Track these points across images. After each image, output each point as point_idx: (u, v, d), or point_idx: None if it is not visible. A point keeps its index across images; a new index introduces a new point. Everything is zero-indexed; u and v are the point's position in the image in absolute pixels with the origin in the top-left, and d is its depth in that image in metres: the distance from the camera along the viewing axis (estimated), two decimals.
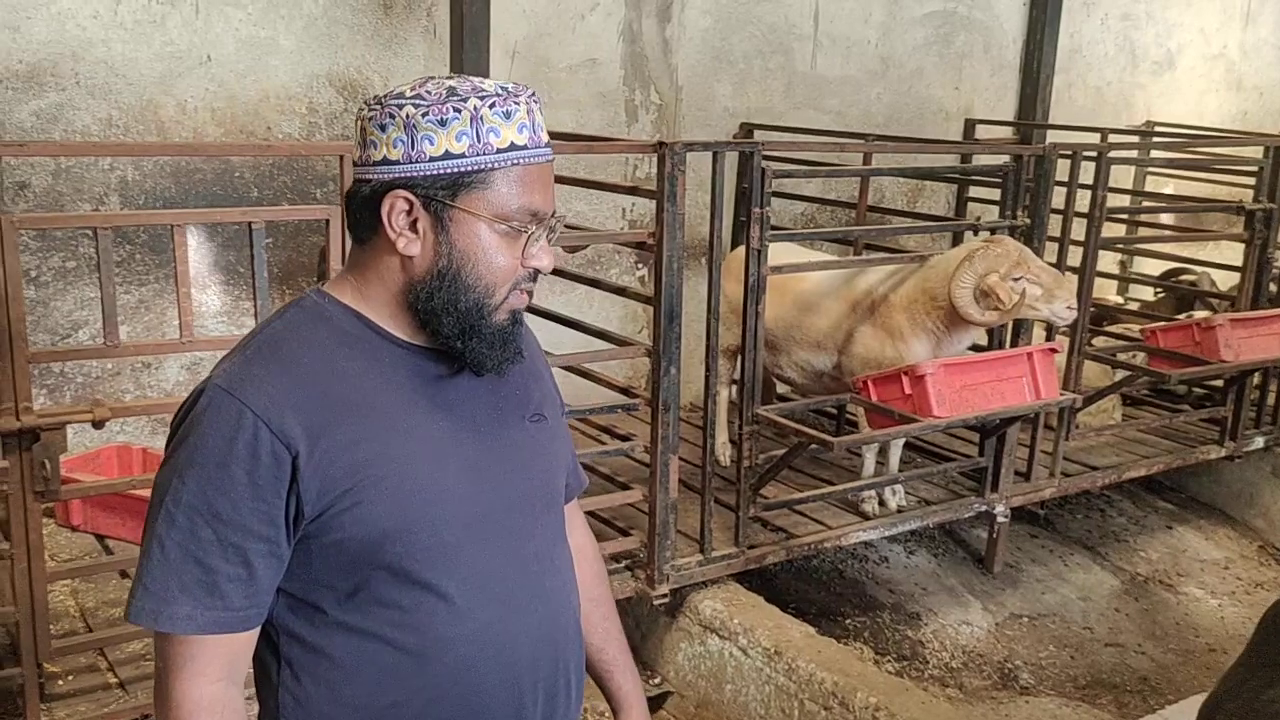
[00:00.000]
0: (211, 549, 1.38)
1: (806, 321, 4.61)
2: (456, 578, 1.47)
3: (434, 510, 1.45)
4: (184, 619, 1.38)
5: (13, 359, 2.77)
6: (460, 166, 1.42)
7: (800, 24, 6.27)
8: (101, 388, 4.64)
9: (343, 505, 1.40)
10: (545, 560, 1.59)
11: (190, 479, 1.38)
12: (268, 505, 1.38)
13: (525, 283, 1.50)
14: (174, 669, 1.40)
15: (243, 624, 1.42)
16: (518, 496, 1.55)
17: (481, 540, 1.50)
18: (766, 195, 3.87)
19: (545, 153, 1.48)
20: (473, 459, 1.51)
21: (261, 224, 3.06)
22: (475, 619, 1.48)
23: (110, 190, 4.52)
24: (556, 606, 1.60)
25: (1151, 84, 8.08)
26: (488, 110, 1.42)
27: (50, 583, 3.01)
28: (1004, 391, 4.20)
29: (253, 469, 1.37)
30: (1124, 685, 4.76)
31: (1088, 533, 5.95)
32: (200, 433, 1.39)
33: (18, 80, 4.29)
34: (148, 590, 1.39)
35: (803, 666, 3.68)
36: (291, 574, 1.45)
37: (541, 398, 1.65)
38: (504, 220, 1.44)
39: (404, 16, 5.06)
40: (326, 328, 1.47)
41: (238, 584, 1.39)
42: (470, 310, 1.46)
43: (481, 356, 1.48)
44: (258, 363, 1.44)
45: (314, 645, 1.46)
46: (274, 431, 1.37)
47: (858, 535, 4.55)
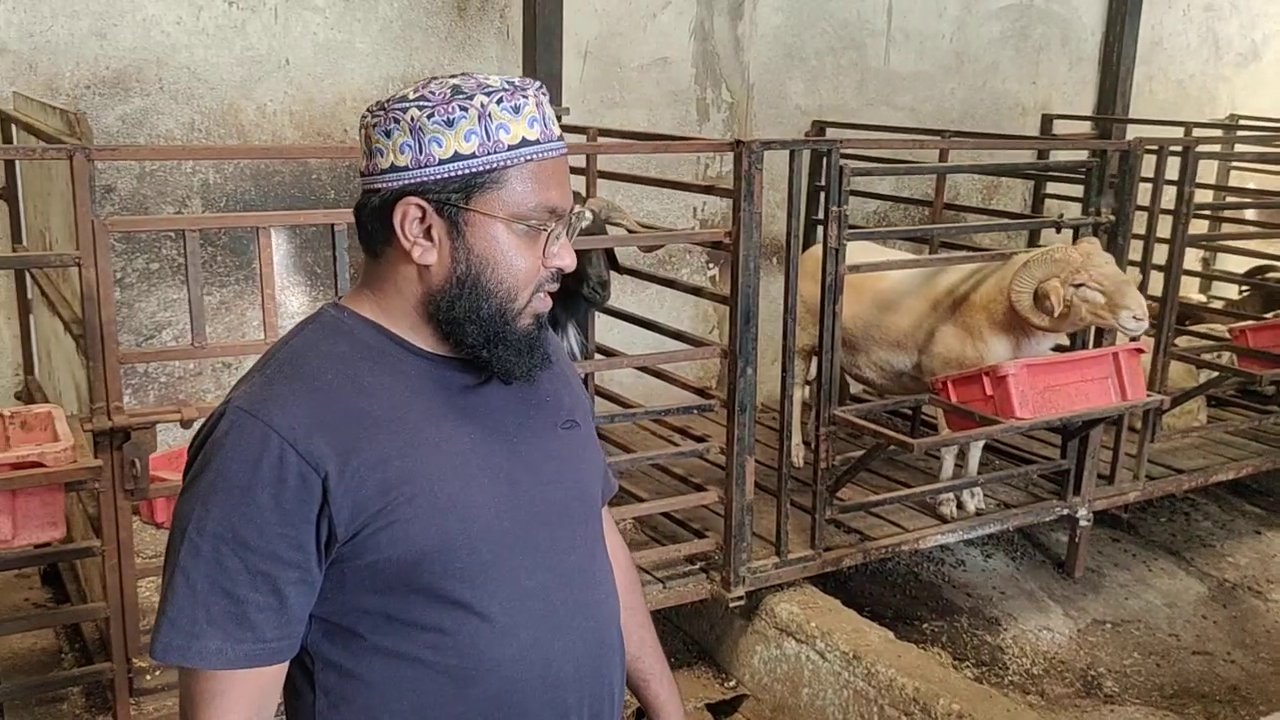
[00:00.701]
0: (240, 579, 1.31)
1: (886, 320, 4.55)
2: (497, 596, 1.40)
3: (470, 527, 1.38)
4: (214, 654, 1.30)
5: (104, 360, 2.82)
6: (471, 167, 1.36)
7: (873, 19, 6.19)
8: (185, 387, 4.73)
9: (377, 525, 1.33)
10: (586, 573, 1.53)
11: (214, 506, 1.30)
12: (296, 530, 1.31)
13: (548, 284, 1.43)
14: (201, 706, 1.33)
15: (274, 656, 1.34)
16: (555, 508, 1.48)
17: (520, 556, 1.43)
18: (844, 193, 3.82)
19: (559, 146, 1.41)
20: (506, 471, 1.44)
21: (344, 226, 3.09)
22: (517, 638, 1.42)
23: (192, 193, 4.60)
24: (599, 620, 1.54)
25: (1235, 76, 7.85)
26: (495, 106, 1.36)
27: (138, 579, 3.06)
28: (1088, 392, 4.10)
29: (279, 493, 1.30)
30: (1213, 695, 4.62)
31: (1172, 537, 5.80)
32: (223, 457, 1.31)
33: (105, 86, 4.38)
34: (174, 625, 1.31)
35: (882, 671, 3.63)
36: (325, 599, 1.38)
37: (572, 404, 1.59)
38: (521, 220, 1.38)
39: (477, 18, 5.08)
40: (347, 342, 1.41)
41: (269, 614, 1.32)
42: (494, 317, 1.39)
43: (509, 364, 1.42)
44: (279, 381, 1.37)
45: (351, 672, 1.40)
46: (300, 453, 1.30)
47: (935, 538, 4.47)
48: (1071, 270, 4.01)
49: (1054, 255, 4.08)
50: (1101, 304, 4.01)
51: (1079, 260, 4.02)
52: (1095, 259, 4.05)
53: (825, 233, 3.85)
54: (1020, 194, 6.90)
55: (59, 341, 3.68)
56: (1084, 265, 4.01)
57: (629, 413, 3.93)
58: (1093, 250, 4.11)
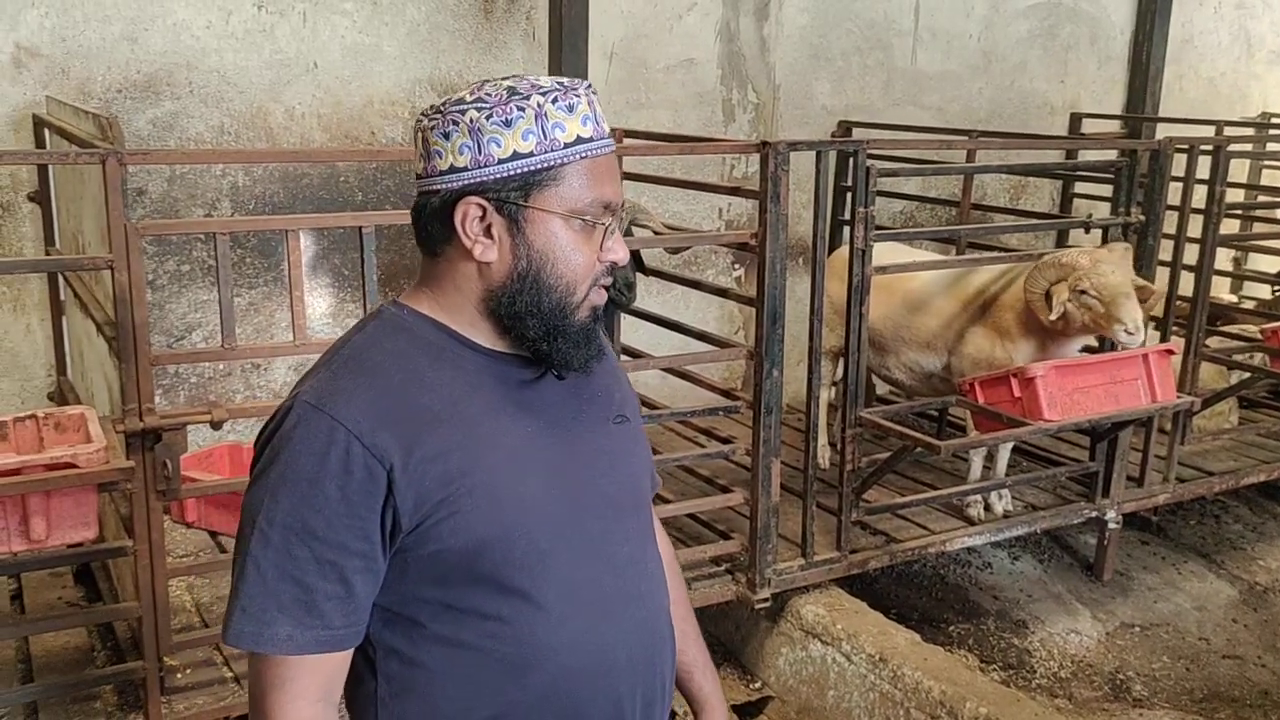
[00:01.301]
0: (308, 567, 1.35)
1: (916, 321, 4.53)
2: (552, 585, 1.44)
3: (527, 517, 1.42)
4: (284, 640, 1.35)
5: (136, 362, 2.85)
6: (530, 165, 1.39)
7: (900, 19, 6.17)
8: (214, 388, 4.77)
9: (439, 516, 1.37)
10: (638, 564, 1.56)
11: (283, 497, 1.35)
12: (362, 521, 1.35)
13: (603, 278, 1.47)
14: (272, 690, 1.37)
15: (341, 643, 1.39)
16: (607, 500, 1.53)
17: (574, 546, 1.47)
18: (871, 194, 3.81)
19: (610, 143, 1.46)
20: (560, 464, 1.48)
21: (371, 228, 3.11)
22: (572, 627, 1.45)
23: (222, 196, 4.64)
24: (650, 610, 1.57)
25: (1268, 74, 7.77)
26: (551, 106, 1.40)
27: (170, 579, 3.09)
28: (1118, 394, 4.07)
29: (345, 484, 1.34)
30: (1244, 699, 4.57)
31: (1202, 540, 5.74)
32: (291, 450, 1.35)
33: (136, 90, 4.43)
34: (246, 612, 1.35)
35: (909, 674, 3.61)
36: (388, 588, 1.42)
37: (622, 399, 1.63)
38: (578, 215, 1.42)
39: (504, 20, 5.10)
40: (407, 338, 1.45)
41: (336, 602, 1.36)
42: (554, 311, 1.43)
43: (568, 356, 1.46)
44: (344, 376, 1.41)
45: (412, 660, 1.43)
46: (366, 446, 1.34)
47: (963, 540, 4.45)
48: (1077, 276, 3.98)
49: (1062, 259, 4.05)
50: (1100, 313, 3.97)
51: (1086, 266, 3.98)
52: (1102, 267, 3.98)
53: (852, 233, 3.84)
54: (1049, 194, 6.86)
55: (91, 343, 3.73)
56: (1089, 272, 3.97)
57: (655, 414, 3.94)
58: (1102, 258, 4.05)
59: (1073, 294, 3.99)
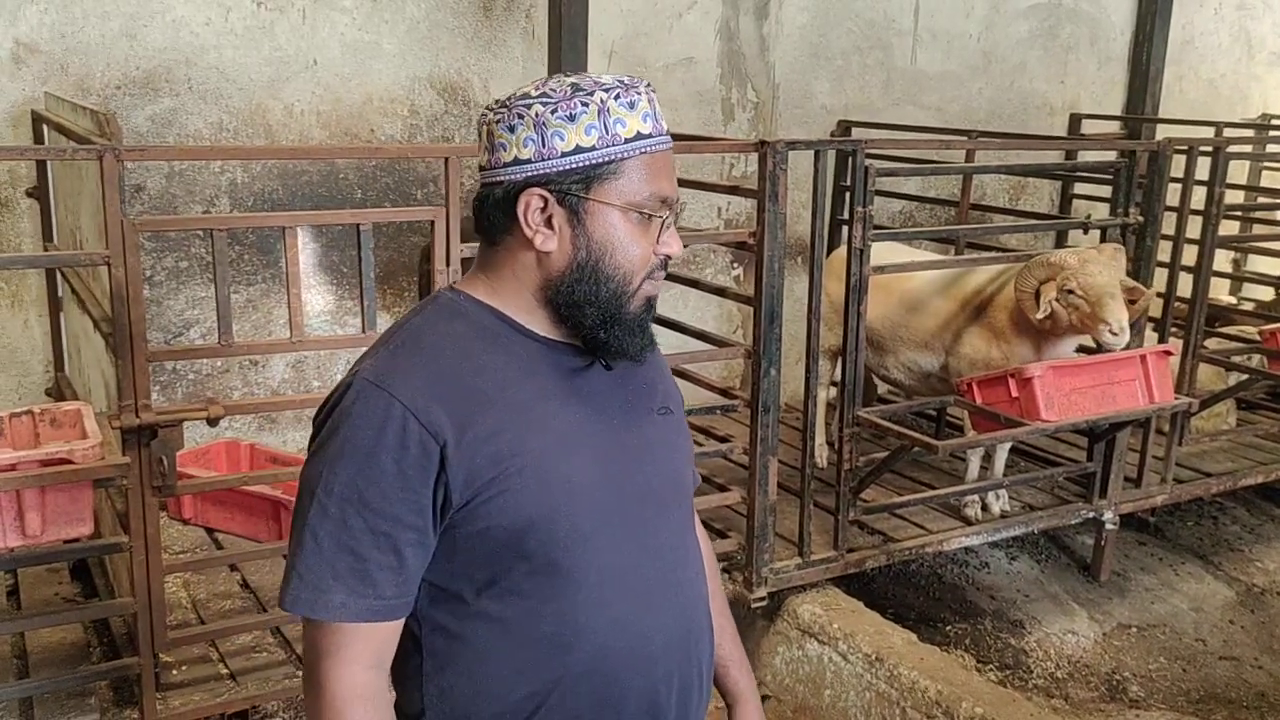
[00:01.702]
0: (363, 538, 1.40)
1: (914, 321, 4.53)
2: (593, 568, 1.48)
3: (573, 500, 1.47)
4: (339, 607, 1.40)
5: (133, 358, 2.85)
6: (591, 159, 1.44)
7: (900, 19, 6.17)
8: (212, 384, 4.77)
9: (489, 494, 1.42)
10: (678, 552, 1.60)
11: (341, 470, 1.40)
12: (415, 495, 1.40)
13: (658, 270, 1.51)
14: (326, 656, 1.42)
15: (392, 613, 1.44)
16: (649, 489, 1.57)
17: (616, 532, 1.51)
18: (869, 194, 3.81)
19: (668, 140, 1.51)
20: (606, 451, 1.52)
21: (369, 226, 3.11)
22: (611, 610, 1.50)
23: (221, 192, 4.64)
24: (689, 599, 1.61)
25: (1268, 75, 7.77)
26: (613, 102, 1.45)
27: (165, 575, 3.09)
28: (1115, 395, 4.06)
29: (401, 459, 1.39)
30: (1240, 701, 4.57)
31: (1199, 541, 5.74)
32: (350, 425, 1.41)
33: (134, 86, 4.43)
34: (303, 579, 1.41)
35: (905, 674, 3.61)
36: (435, 564, 1.46)
37: (665, 391, 1.67)
38: (636, 208, 1.46)
39: (503, 18, 5.10)
40: (464, 323, 1.50)
41: (389, 573, 1.41)
42: (611, 300, 1.48)
43: (624, 344, 1.50)
44: (402, 356, 1.46)
45: (457, 635, 1.48)
46: (422, 423, 1.39)
47: (960, 540, 4.45)
48: (1065, 275, 3.98)
49: (1050, 259, 4.06)
50: (1086, 313, 3.97)
51: (1074, 266, 3.98)
52: (1089, 267, 3.98)
53: (850, 233, 3.84)
54: (1048, 194, 6.86)
55: (89, 339, 3.73)
56: (1077, 272, 3.96)
57: None
58: (1091, 258, 4.05)
59: (1060, 293, 3.99)
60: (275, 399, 4.44)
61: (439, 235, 3.18)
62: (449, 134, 5.03)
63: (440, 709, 1.50)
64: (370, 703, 1.42)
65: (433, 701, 1.50)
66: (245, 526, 4.16)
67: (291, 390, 4.92)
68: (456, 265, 3.21)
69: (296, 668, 3.36)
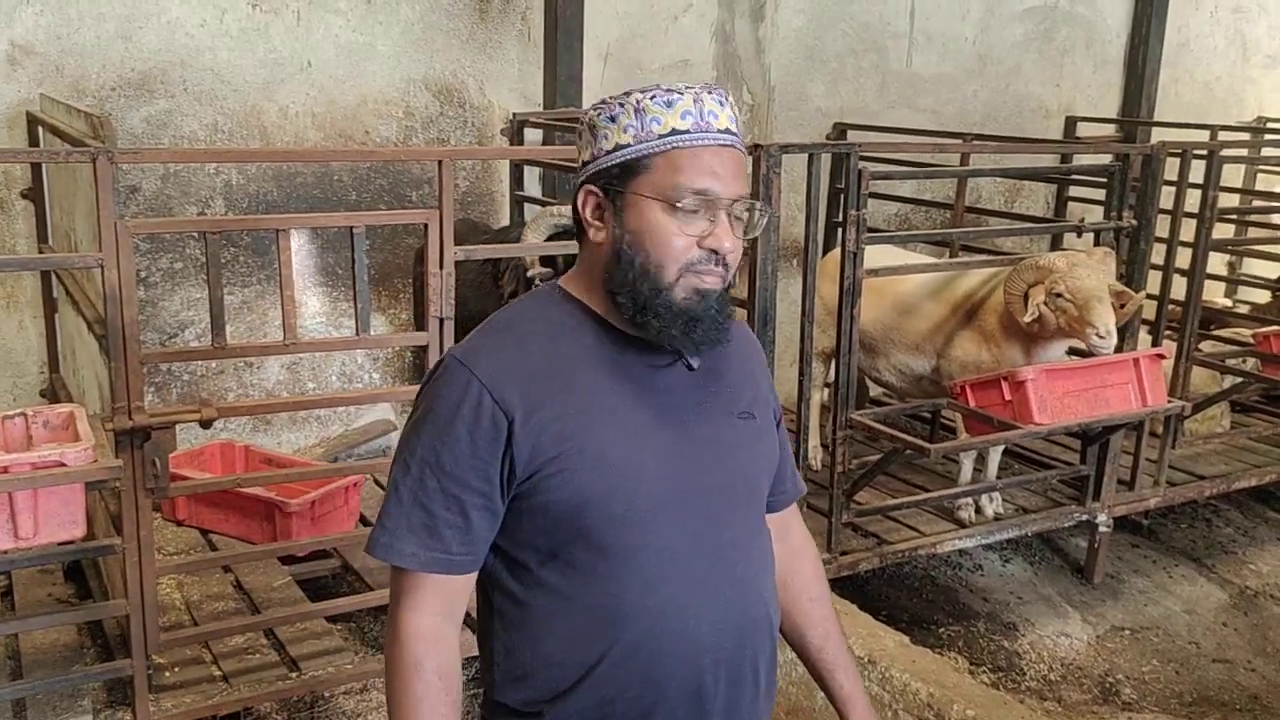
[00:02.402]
0: (435, 497, 1.55)
1: (905, 324, 4.54)
2: (647, 551, 1.57)
3: (629, 484, 1.56)
4: (409, 555, 1.55)
5: (126, 360, 2.85)
6: (627, 155, 1.54)
7: (895, 21, 6.18)
8: (206, 386, 4.78)
9: (549, 471, 1.53)
10: (739, 550, 1.66)
11: (424, 433, 1.56)
12: (484, 463, 1.53)
13: (703, 264, 1.54)
14: (400, 599, 1.58)
15: (458, 568, 1.57)
16: (715, 485, 1.63)
17: (673, 519, 1.58)
18: (863, 197, 3.82)
19: (714, 137, 1.55)
20: (671, 444, 1.60)
21: (363, 228, 3.11)
22: (660, 592, 1.57)
23: (215, 194, 4.65)
24: (747, 596, 1.66)
25: (1263, 78, 7.79)
26: (649, 101, 1.54)
27: (159, 576, 3.09)
28: (1108, 398, 4.08)
29: (474, 429, 1.52)
30: (1233, 704, 4.58)
31: (1193, 543, 5.75)
32: (436, 395, 1.57)
33: (130, 88, 4.43)
34: (384, 527, 1.57)
35: (897, 676, 3.62)
36: (506, 532, 1.59)
37: (753, 398, 1.73)
38: (666, 199, 1.53)
39: (499, 20, 5.10)
40: (555, 312, 1.63)
41: (455, 531, 1.55)
42: (642, 286, 1.54)
43: (662, 333, 1.55)
44: (491, 337, 1.61)
45: (520, 599, 1.60)
46: (495, 399, 1.52)
47: (954, 543, 4.46)
48: (1053, 279, 3.98)
49: (1039, 261, 4.07)
50: (1073, 316, 3.97)
51: (1063, 269, 3.98)
52: (1078, 270, 3.98)
53: (844, 236, 3.85)
54: (1043, 197, 6.87)
55: (83, 340, 3.73)
56: (1065, 275, 3.97)
57: None
58: (1079, 261, 4.05)
59: (1049, 296, 4.00)
60: (269, 401, 4.44)
61: (432, 238, 3.18)
62: (444, 136, 5.03)
63: (505, 666, 1.63)
64: (434, 644, 1.57)
65: (499, 659, 1.63)
66: (239, 528, 4.15)
67: (286, 392, 4.93)
68: (450, 268, 3.21)
69: (290, 669, 3.36)
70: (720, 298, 1.59)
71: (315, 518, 4.03)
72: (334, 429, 5.08)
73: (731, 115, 1.58)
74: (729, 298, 1.63)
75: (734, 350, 1.73)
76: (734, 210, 1.55)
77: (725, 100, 1.58)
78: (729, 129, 1.57)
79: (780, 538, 1.84)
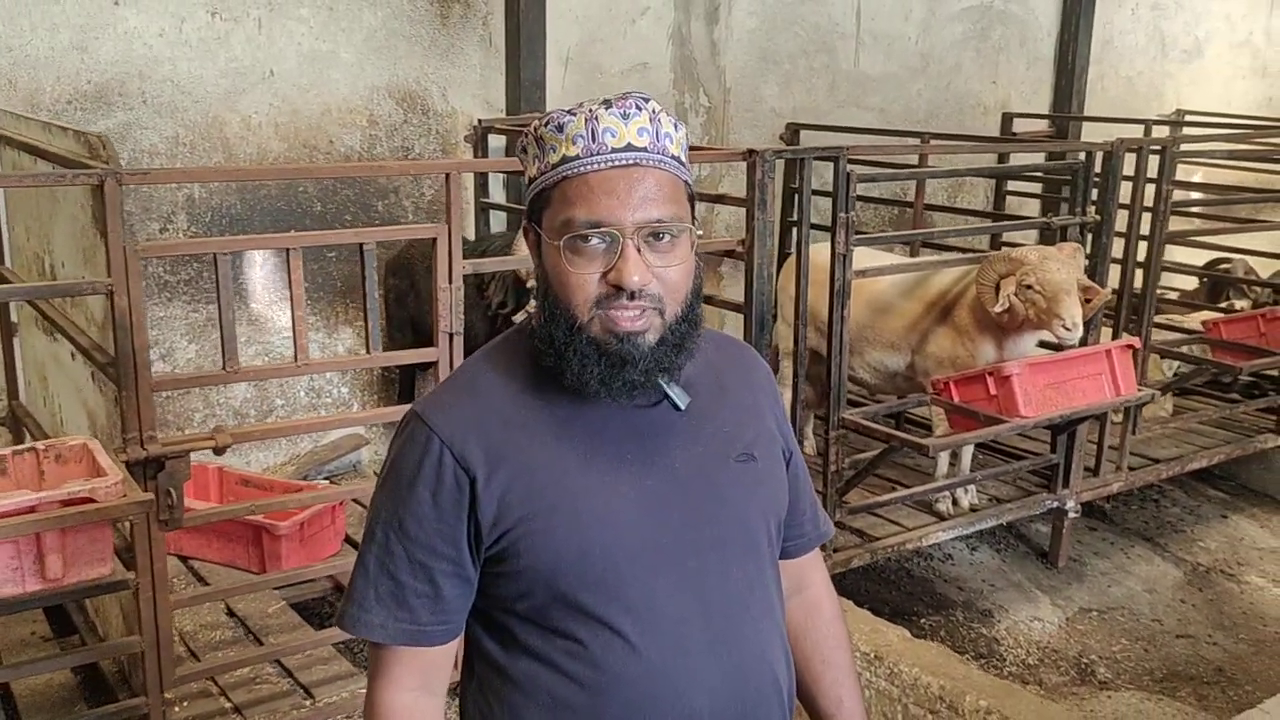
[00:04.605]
0: (401, 564, 1.42)
1: (880, 322, 4.61)
2: (631, 614, 1.41)
3: (610, 543, 1.40)
4: (377, 628, 1.43)
5: (137, 388, 2.74)
6: (534, 190, 1.43)
7: (843, 22, 6.26)
8: (171, 407, 4.61)
9: (518, 533, 1.39)
10: (738, 607, 1.48)
11: (387, 498, 1.45)
12: (449, 527, 1.40)
13: (610, 301, 1.37)
14: (375, 675, 1.47)
15: (430, 639, 1.44)
16: (708, 539, 1.46)
17: (661, 579, 1.42)
18: (851, 199, 3.87)
19: (608, 159, 1.37)
20: (659, 494, 1.43)
21: (372, 244, 3.04)
22: (649, 660, 1.41)
23: (178, 209, 4.49)
24: (745, 659, 1.47)
25: (1180, 72, 8.10)
26: (545, 129, 1.42)
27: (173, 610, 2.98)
28: (1085, 389, 4.20)
29: (437, 491, 1.40)
30: (1200, 677, 4.76)
31: (1145, 524, 5.97)
32: (398, 454, 1.45)
33: (86, 100, 4.26)
34: (351, 599, 1.46)
35: (905, 671, 3.67)
36: (485, 597, 1.46)
37: (755, 438, 1.54)
38: (557, 235, 1.38)
39: (460, 26, 5.03)
40: (525, 354, 1.47)
41: (425, 600, 1.42)
42: (555, 331, 1.40)
43: (582, 379, 1.39)
44: (451, 390, 1.49)
45: (500, 666, 1.46)
46: (456, 456, 1.40)
47: (937, 536, 4.55)
48: (1024, 270, 4.10)
49: (1012, 254, 4.18)
50: (1042, 308, 4.09)
51: (1034, 262, 4.10)
52: (1048, 264, 4.09)
53: (833, 238, 3.89)
54: (983, 192, 7.04)
55: (60, 367, 3.57)
56: (1035, 268, 4.08)
57: None
58: (1050, 255, 4.18)
59: (1019, 288, 4.11)
60: (280, 424, 4.31)
61: (441, 252, 3.13)
62: (408, 144, 4.94)
63: None
64: None
65: None
66: (222, 553, 4.03)
67: (254, 410, 4.79)
68: (459, 282, 3.16)
69: (303, 697, 3.28)
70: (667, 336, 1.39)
71: (304, 539, 3.93)
72: (303, 446, 4.95)
73: (645, 127, 1.38)
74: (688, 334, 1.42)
75: (732, 379, 1.57)
76: (641, 236, 1.36)
77: (639, 110, 1.39)
78: (633, 145, 1.37)
79: (796, 589, 1.66)
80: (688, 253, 1.41)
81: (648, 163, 1.38)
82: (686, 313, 1.42)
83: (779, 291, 4.49)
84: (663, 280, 1.38)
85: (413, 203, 4.98)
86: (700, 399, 1.48)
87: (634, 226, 1.36)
